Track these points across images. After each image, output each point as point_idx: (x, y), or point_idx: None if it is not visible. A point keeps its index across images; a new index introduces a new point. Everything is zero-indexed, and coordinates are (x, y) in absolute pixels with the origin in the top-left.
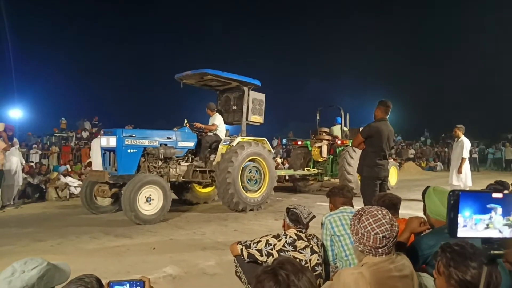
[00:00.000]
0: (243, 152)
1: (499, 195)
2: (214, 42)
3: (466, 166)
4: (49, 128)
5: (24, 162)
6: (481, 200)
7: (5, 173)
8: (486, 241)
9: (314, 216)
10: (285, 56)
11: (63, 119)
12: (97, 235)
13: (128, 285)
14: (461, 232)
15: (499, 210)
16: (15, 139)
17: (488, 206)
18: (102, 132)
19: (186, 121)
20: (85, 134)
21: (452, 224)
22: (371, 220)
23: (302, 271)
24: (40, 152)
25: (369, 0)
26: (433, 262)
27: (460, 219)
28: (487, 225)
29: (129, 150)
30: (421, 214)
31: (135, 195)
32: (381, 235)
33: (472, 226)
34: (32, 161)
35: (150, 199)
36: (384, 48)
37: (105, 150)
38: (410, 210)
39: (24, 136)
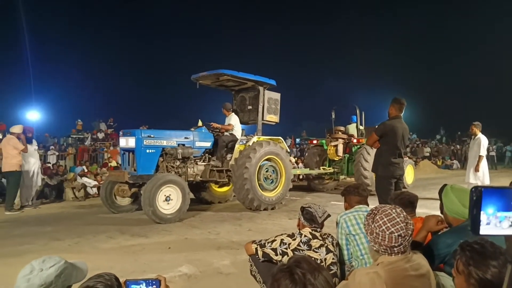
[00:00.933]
0: (261, 150)
1: None
2: (228, 42)
3: (484, 164)
4: (66, 129)
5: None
6: (505, 196)
7: (23, 174)
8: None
9: (329, 215)
10: (299, 55)
11: (79, 120)
12: (113, 234)
13: (144, 284)
14: (484, 230)
15: None
16: (34, 141)
17: None
18: (121, 133)
19: (200, 121)
20: (100, 135)
21: (475, 221)
22: (385, 219)
23: (318, 270)
24: (57, 153)
25: None
26: (451, 261)
27: (483, 216)
28: None
29: (148, 151)
30: (437, 213)
31: (156, 192)
32: (396, 234)
33: (496, 224)
34: (49, 162)
35: (169, 199)
36: (400, 46)
37: (124, 151)
38: (426, 209)
39: (42, 138)
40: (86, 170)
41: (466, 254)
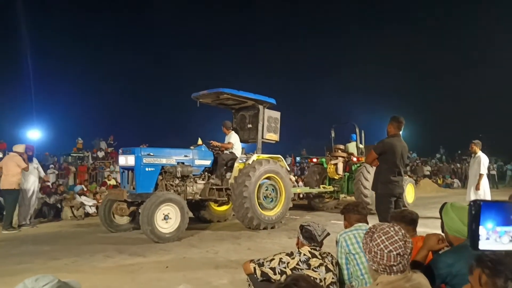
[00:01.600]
0: (261, 168)
1: None
2: (228, 59)
3: (484, 182)
4: (66, 148)
5: (41, 175)
6: (504, 210)
7: (22, 192)
8: (510, 254)
9: (328, 234)
10: (298, 73)
11: (79, 139)
12: (111, 254)
13: None
14: (484, 245)
15: None
16: (34, 159)
17: None
18: (120, 151)
19: (200, 140)
20: (100, 154)
21: (474, 236)
22: (383, 238)
23: None
24: (56, 172)
25: (385, 17)
26: (454, 281)
27: (483, 231)
28: None
29: (147, 169)
30: (438, 231)
31: (154, 210)
32: (395, 252)
33: (496, 238)
34: (48, 181)
35: (168, 217)
36: (399, 64)
37: (124, 169)
38: (427, 228)
39: (42, 156)
40: (85, 189)
41: (488, 265)
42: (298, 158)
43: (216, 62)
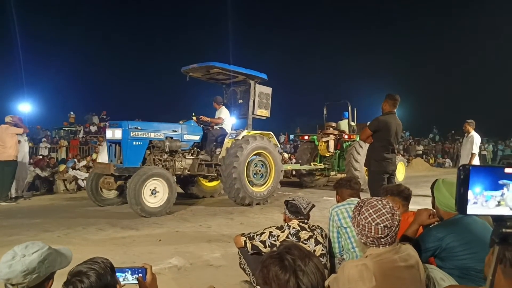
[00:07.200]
0: (248, 147)
1: None
2: (221, 35)
3: (476, 161)
4: (58, 122)
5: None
6: (492, 175)
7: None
8: (498, 219)
9: (313, 205)
10: (293, 51)
11: (71, 113)
12: (103, 227)
13: (129, 272)
14: (471, 209)
15: None
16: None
17: (500, 182)
18: (107, 124)
19: (193, 115)
20: (93, 129)
21: (462, 200)
22: (371, 211)
23: (309, 256)
24: (49, 145)
25: None
26: (442, 255)
27: (470, 195)
28: (499, 202)
29: (134, 143)
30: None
31: (140, 188)
32: (382, 225)
33: (482, 203)
34: (41, 155)
35: (155, 192)
36: (394, 42)
37: (111, 143)
38: (418, 205)
39: (33, 130)
40: (77, 163)
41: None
42: (291, 136)
43: (209, 37)
